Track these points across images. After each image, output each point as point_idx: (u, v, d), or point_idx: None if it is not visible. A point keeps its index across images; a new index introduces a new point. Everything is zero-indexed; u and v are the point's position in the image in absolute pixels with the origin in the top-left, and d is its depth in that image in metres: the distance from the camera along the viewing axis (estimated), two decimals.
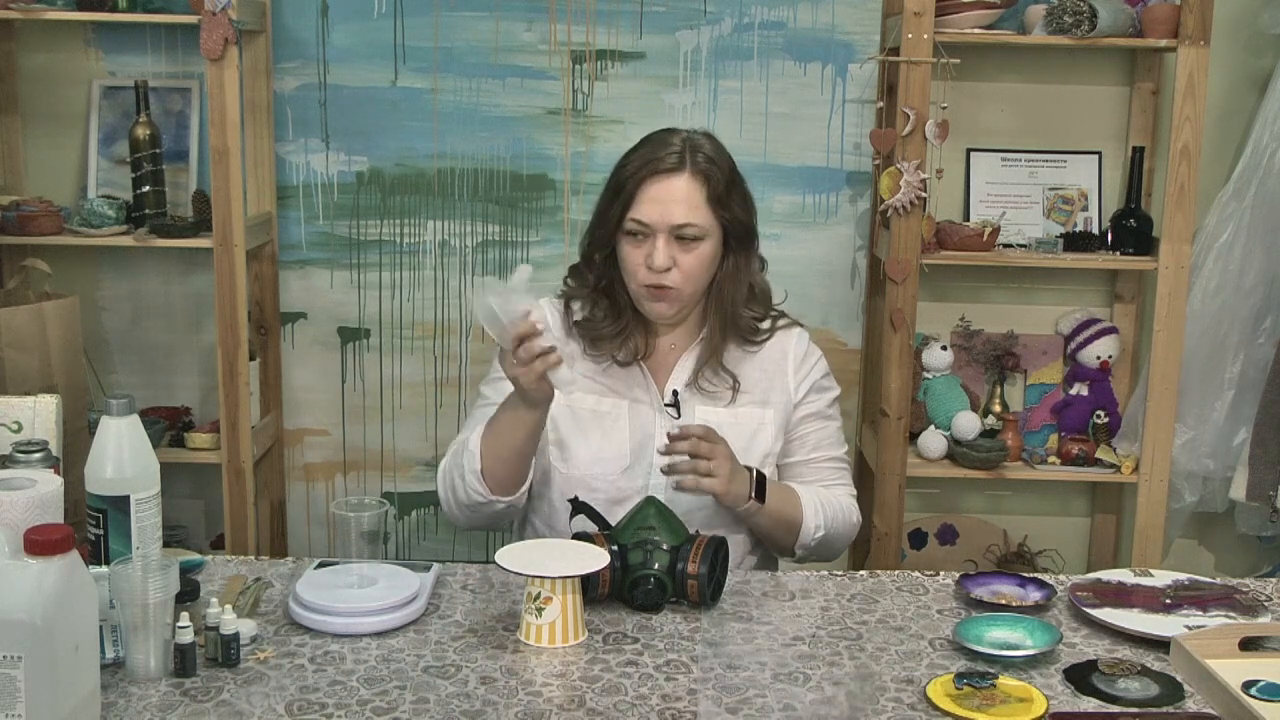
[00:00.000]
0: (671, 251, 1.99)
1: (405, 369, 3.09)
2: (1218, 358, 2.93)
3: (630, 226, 2.01)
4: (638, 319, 2.09)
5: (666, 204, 1.99)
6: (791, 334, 2.16)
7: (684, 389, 2.08)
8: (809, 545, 2.07)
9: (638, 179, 2.00)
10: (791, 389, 2.13)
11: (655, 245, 1.99)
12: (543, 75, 2.98)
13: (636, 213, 2.00)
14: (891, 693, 1.57)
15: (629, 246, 2.02)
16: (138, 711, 1.48)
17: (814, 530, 2.06)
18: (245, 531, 2.82)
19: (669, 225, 1.99)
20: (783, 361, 2.13)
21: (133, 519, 1.61)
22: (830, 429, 2.17)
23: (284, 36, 2.94)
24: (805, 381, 2.14)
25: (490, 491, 1.97)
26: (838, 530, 2.10)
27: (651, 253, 1.99)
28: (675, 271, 2.00)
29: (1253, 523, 3.02)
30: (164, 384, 3.07)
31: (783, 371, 2.13)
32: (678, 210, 1.99)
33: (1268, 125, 2.87)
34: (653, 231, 1.99)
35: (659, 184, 2.00)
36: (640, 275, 2.01)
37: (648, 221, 1.99)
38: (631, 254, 2.01)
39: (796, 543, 2.07)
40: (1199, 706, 1.55)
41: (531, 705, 1.50)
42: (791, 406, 2.13)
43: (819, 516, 2.06)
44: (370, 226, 3.03)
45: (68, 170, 2.99)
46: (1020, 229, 2.97)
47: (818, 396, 2.15)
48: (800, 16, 2.96)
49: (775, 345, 2.14)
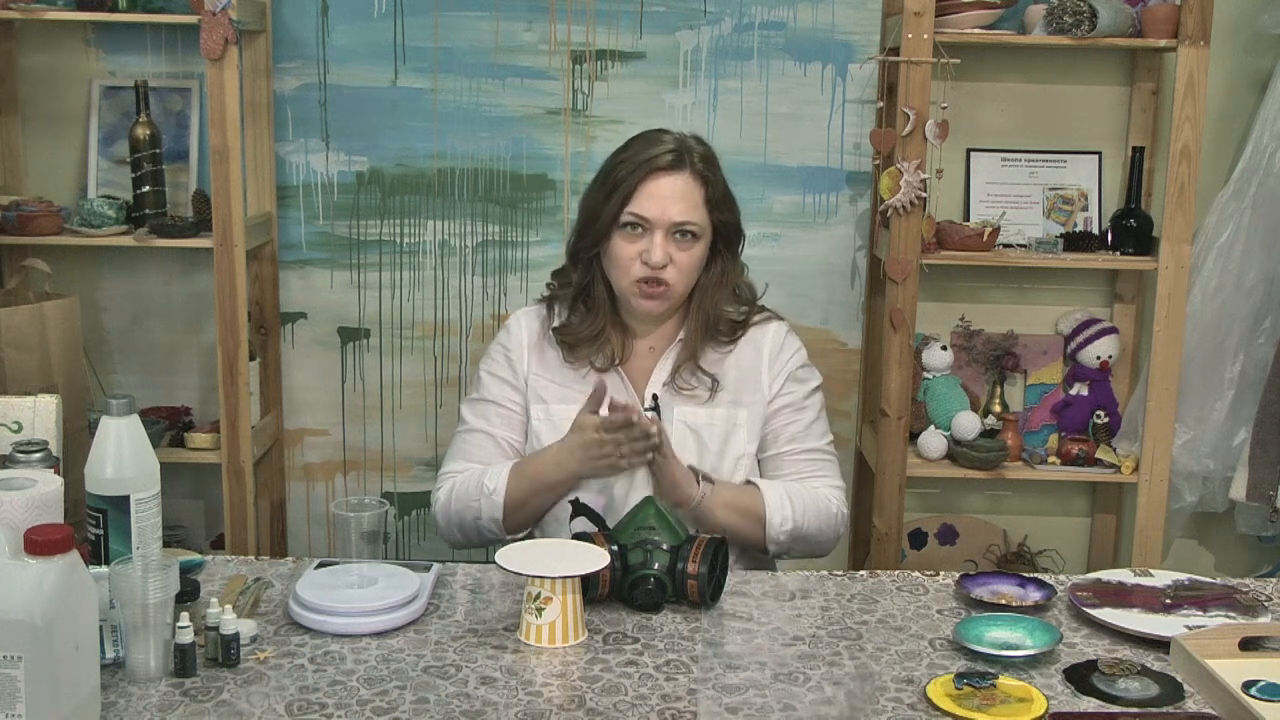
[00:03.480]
0: (668, 248, 1.99)
1: (405, 369, 3.09)
2: (1218, 358, 2.93)
3: (628, 219, 2.01)
4: (615, 323, 2.10)
5: (667, 200, 1.99)
6: (768, 328, 2.14)
7: (663, 390, 2.08)
8: (780, 540, 2.04)
9: (638, 175, 2.01)
10: (765, 384, 2.11)
11: (653, 240, 1.99)
12: (543, 75, 2.98)
13: (636, 207, 2.00)
14: (891, 693, 1.57)
15: (623, 241, 2.02)
16: (138, 711, 1.48)
17: (780, 523, 2.02)
18: (245, 531, 2.82)
19: (669, 221, 1.99)
20: (757, 359, 2.12)
21: (133, 519, 1.61)
22: (806, 419, 2.12)
23: (284, 36, 2.94)
24: (780, 374, 2.12)
25: (506, 533, 2.05)
26: (811, 522, 2.05)
27: (649, 248, 1.99)
28: (671, 269, 2.00)
29: (1253, 523, 3.02)
30: (164, 384, 3.07)
31: (757, 369, 2.12)
32: (678, 207, 1.99)
33: (1268, 125, 2.87)
34: (651, 227, 2.00)
35: (659, 180, 2.00)
36: (634, 270, 2.01)
37: (648, 216, 1.99)
38: (625, 249, 2.01)
39: (765, 538, 2.04)
40: (1199, 706, 1.55)
41: (531, 705, 1.50)
42: (766, 402, 2.11)
43: (785, 508, 2.02)
44: (370, 226, 3.03)
45: (68, 170, 2.99)
46: (1020, 229, 2.97)
47: (794, 387, 2.12)
48: (800, 16, 2.96)
49: (749, 342, 2.13)
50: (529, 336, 2.13)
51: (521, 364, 2.12)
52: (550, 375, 2.11)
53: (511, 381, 2.12)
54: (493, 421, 2.12)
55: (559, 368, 2.10)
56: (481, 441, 2.11)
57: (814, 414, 2.15)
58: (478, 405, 2.14)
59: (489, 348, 2.19)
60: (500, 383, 2.13)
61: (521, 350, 2.12)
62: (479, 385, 2.16)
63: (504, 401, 2.12)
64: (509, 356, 2.13)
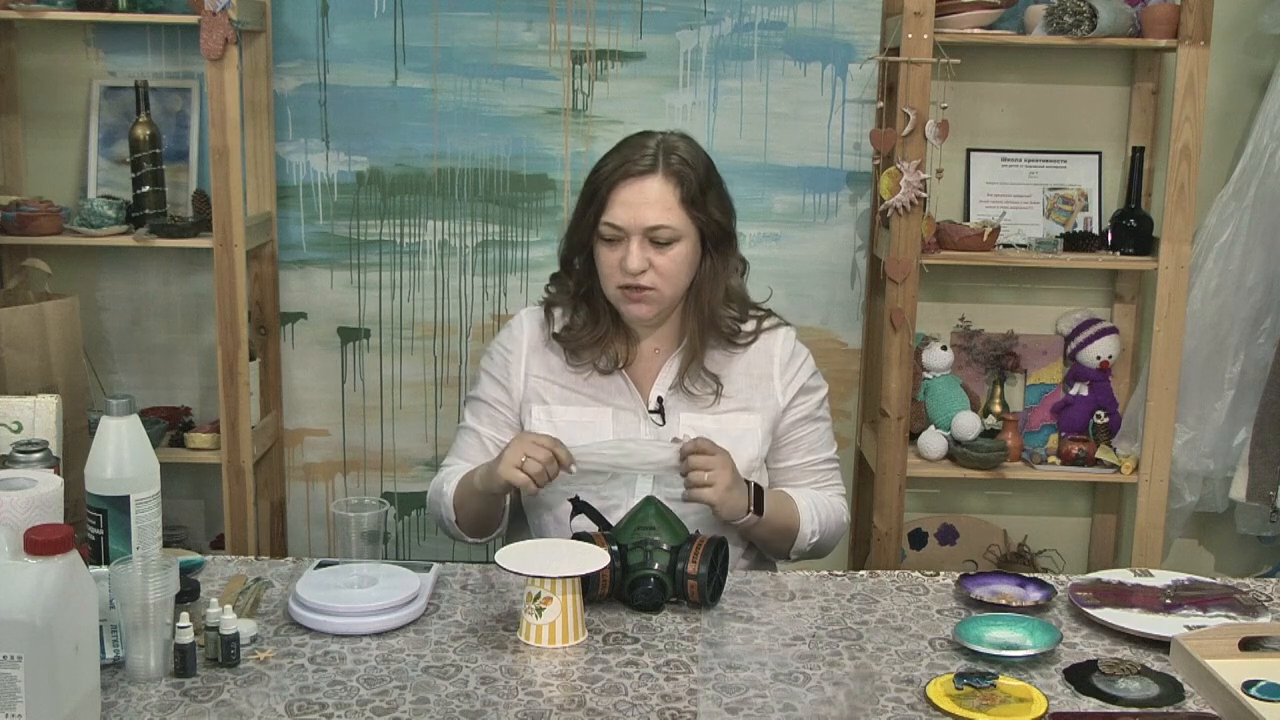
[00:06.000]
0: (646, 254, 1.98)
1: (405, 369, 3.09)
2: (1218, 358, 2.93)
3: (604, 231, 2.00)
4: (617, 326, 2.10)
5: (638, 206, 1.98)
6: (777, 335, 2.15)
7: (668, 394, 2.08)
8: (804, 550, 2.09)
9: (610, 183, 2.00)
10: (778, 393, 2.11)
11: (629, 248, 1.98)
12: (543, 75, 2.98)
13: (609, 216, 1.99)
14: (891, 693, 1.57)
15: (604, 250, 2.02)
16: (138, 711, 1.48)
17: (810, 536, 2.07)
18: (245, 531, 2.82)
19: (642, 227, 1.98)
20: (768, 365, 2.12)
21: (133, 519, 1.61)
22: (821, 430, 2.16)
23: (284, 36, 2.94)
24: (793, 384, 2.12)
25: (468, 536, 2.10)
26: (830, 532, 2.11)
27: (625, 255, 1.98)
28: (651, 273, 1.99)
29: (1253, 523, 3.02)
30: (164, 384, 3.07)
31: (768, 376, 2.11)
32: (649, 213, 1.98)
33: (1268, 125, 2.87)
34: (626, 234, 1.99)
35: (630, 186, 1.99)
36: (616, 278, 2.01)
37: (620, 224, 1.99)
38: (607, 257, 2.01)
39: (792, 548, 2.08)
40: (1199, 706, 1.55)
41: (531, 705, 1.50)
42: (779, 411, 2.11)
43: (815, 521, 2.07)
44: (370, 226, 3.03)
45: (68, 170, 2.99)
46: (1020, 229, 2.97)
47: (806, 398, 2.14)
48: (800, 16, 2.96)
49: (760, 347, 2.12)
50: (530, 337, 2.13)
51: (520, 365, 2.12)
52: (553, 376, 2.10)
53: (503, 382, 2.12)
54: (482, 420, 2.13)
55: (561, 369, 2.10)
56: (470, 440, 2.13)
57: (826, 423, 2.18)
58: (472, 403, 2.17)
59: (490, 345, 2.19)
60: (493, 382, 2.13)
61: (521, 351, 2.12)
62: (476, 383, 2.18)
63: (493, 401, 2.13)
64: (507, 357, 2.13)
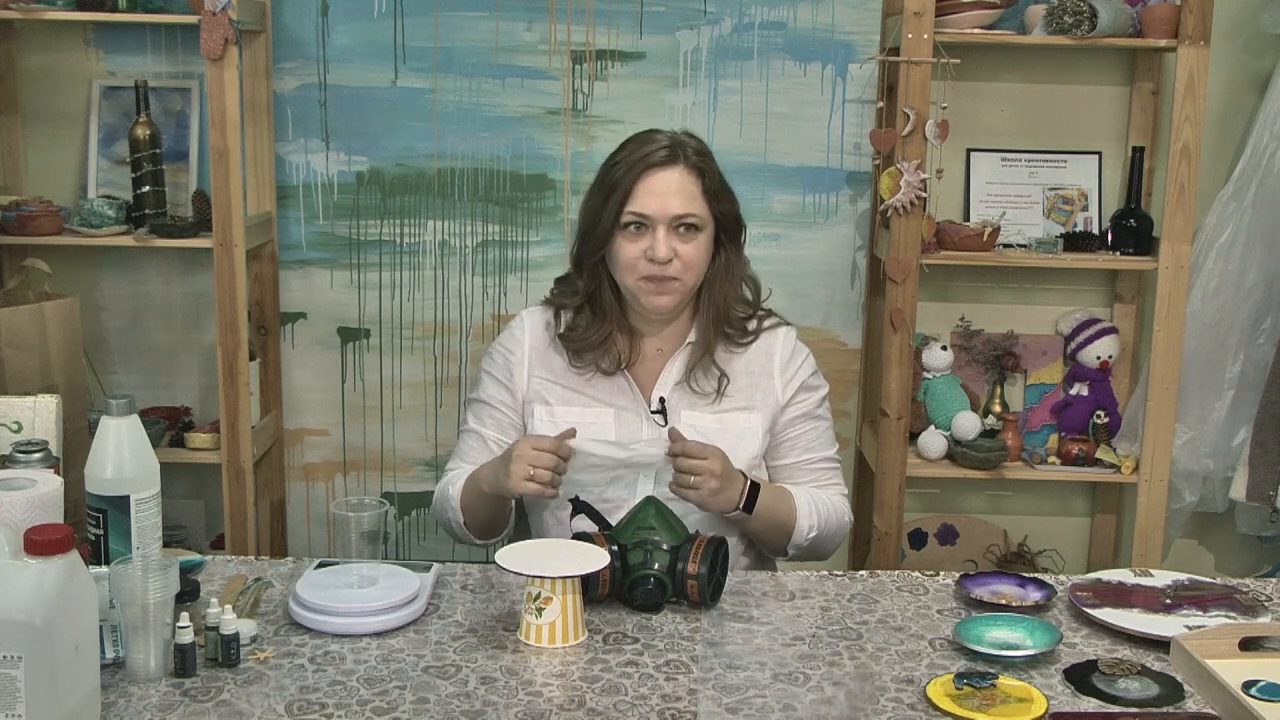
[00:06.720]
0: (671, 243, 2.00)
1: (405, 369, 3.09)
2: (1218, 358, 2.93)
3: (629, 219, 2.01)
4: (621, 326, 2.10)
5: (665, 195, 2.00)
6: (778, 334, 2.15)
7: (671, 393, 2.08)
8: (801, 546, 2.08)
9: (633, 173, 2.01)
10: (778, 391, 2.12)
11: (656, 236, 1.99)
12: (543, 75, 2.98)
13: (635, 205, 2.00)
14: (891, 693, 1.57)
15: (626, 241, 2.02)
16: (138, 711, 1.48)
17: (807, 531, 2.06)
18: (245, 531, 2.82)
19: (669, 216, 1.99)
20: (769, 363, 2.12)
21: (133, 519, 1.61)
22: (821, 428, 2.16)
23: (284, 36, 2.94)
24: (793, 382, 2.13)
25: (476, 539, 2.09)
26: (830, 530, 2.10)
27: (652, 244, 1.99)
28: (676, 262, 2.00)
29: (1253, 523, 3.02)
30: (164, 384, 3.07)
31: (769, 374, 2.12)
32: (676, 201, 2.00)
33: (1268, 125, 2.87)
34: (653, 223, 2.00)
35: (655, 176, 2.01)
36: (640, 268, 2.01)
37: (648, 213, 2.00)
38: (629, 248, 2.02)
39: (789, 543, 2.07)
40: (1199, 706, 1.55)
41: (531, 705, 1.50)
42: (779, 409, 2.12)
43: (812, 517, 2.06)
44: (370, 226, 3.03)
45: (68, 170, 2.99)
46: (1020, 229, 2.97)
47: (806, 396, 2.14)
48: (800, 16, 2.96)
49: (761, 346, 2.13)
50: (532, 338, 2.13)
51: (521, 366, 2.12)
52: (555, 377, 2.10)
53: (505, 383, 2.12)
54: (485, 422, 2.13)
55: (564, 370, 2.10)
56: (473, 442, 2.13)
57: (826, 422, 2.18)
58: (474, 405, 2.16)
59: (491, 345, 2.19)
60: (495, 384, 2.13)
61: (522, 352, 2.12)
62: (477, 384, 2.18)
63: (496, 403, 2.13)
64: (508, 359, 2.13)
